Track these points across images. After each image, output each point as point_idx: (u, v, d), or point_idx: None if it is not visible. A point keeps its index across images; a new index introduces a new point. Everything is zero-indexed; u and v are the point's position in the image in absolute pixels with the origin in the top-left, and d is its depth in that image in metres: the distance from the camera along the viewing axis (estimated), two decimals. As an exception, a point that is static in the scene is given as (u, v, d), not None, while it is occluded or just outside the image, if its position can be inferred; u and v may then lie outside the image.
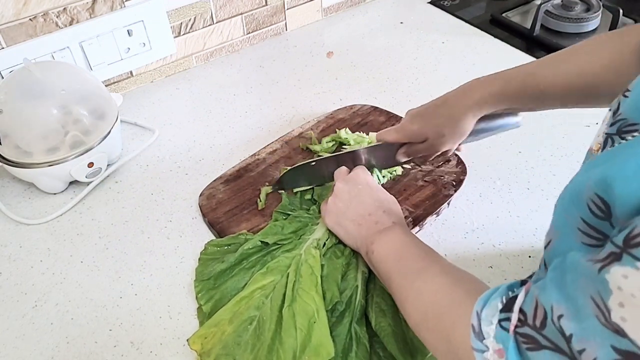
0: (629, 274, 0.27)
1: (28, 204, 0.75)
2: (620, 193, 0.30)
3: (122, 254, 0.68)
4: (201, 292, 0.60)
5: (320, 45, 1.06)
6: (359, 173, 0.65)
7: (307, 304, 0.55)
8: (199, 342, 0.54)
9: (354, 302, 0.57)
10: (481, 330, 0.37)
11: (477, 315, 0.38)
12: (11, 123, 0.71)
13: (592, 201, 0.32)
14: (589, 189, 0.32)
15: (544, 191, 0.73)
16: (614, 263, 0.28)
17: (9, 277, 0.66)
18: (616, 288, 0.28)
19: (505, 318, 0.36)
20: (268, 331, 0.53)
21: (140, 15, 0.88)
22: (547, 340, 0.33)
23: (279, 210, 0.68)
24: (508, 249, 0.66)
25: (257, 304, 0.56)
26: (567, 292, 0.32)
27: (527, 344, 0.34)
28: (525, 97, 0.58)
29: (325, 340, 0.52)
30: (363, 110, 0.86)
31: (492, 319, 0.37)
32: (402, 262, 0.53)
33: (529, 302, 0.35)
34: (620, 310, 0.27)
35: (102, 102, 0.77)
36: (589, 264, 0.30)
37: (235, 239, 0.65)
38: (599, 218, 0.32)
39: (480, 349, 0.37)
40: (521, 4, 1.16)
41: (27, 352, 0.58)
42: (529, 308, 0.34)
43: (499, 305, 0.37)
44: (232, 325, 0.54)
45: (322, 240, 0.62)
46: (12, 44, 0.79)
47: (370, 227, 0.58)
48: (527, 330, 0.34)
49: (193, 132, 0.86)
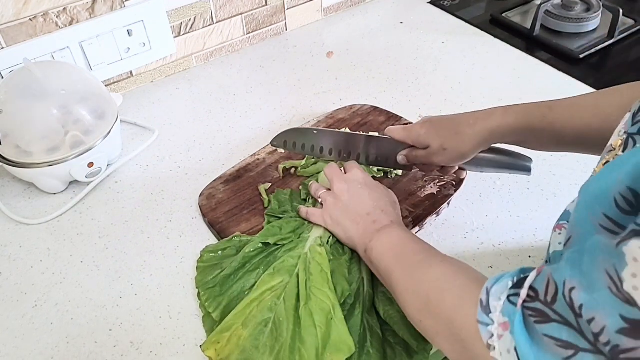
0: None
1: (28, 204, 0.75)
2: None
3: (122, 254, 0.68)
4: (208, 300, 0.59)
5: (320, 45, 1.06)
6: (356, 172, 0.65)
7: (322, 302, 0.55)
8: (212, 349, 0.54)
9: (362, 294, 0.58)
10: (489, 305, 0.38)
11: (486, 290, 0.39)
12: (11, 123, 0.71)
13: (621, 195, 0.32)
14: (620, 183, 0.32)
15: (544, 191, 0.73)
16: (634, 238, 0.29)
17: (9, 277, 0.66)
18: (632, 259, 0.28)
19: (514, 294, 0.37)
20: (287, 331, 0.53)
21: (140, 15, 0.88)
22: (557, 314, 0.33)
23: (269, 214, 0.68)
24: (508, 249, 0.66)
25: (269, 306, 0.56)
26: (582, 268, 0.32)
27: (536, 317, 0.35)
28: (540, 133, 0.58)
29: (345, 335, 0.53)
30: (363, 110, 0.86)
31: (500, 296, 0.38)
32: (401, 257, 0.53)
33: (540, 281, 0.35)
34: (632, 280, 0.28)
35: (102, 102, 0.77)
36: (607, 240, 0.31)
37: (230, 242, 0.65)
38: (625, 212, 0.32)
39: (485, 322, 0.38)
40: (521, 4, 1.16)
41: (27, 352, 0.58)
42: (541, 285, 0.35)
43: (509, 284, 0.38)
44: (247, 329, 0.54)
45: (324, 238, 0.62)
46: (12, 44, 0.79)
47: (368, 226, 0.58)
48: (537, 305, 0.35)
49: (193, 132, 0.86)
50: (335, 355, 0.52)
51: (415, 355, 0.54)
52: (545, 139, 0.59)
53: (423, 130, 0.65)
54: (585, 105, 0.56)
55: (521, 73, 0.96)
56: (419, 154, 0.66)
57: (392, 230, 0.57)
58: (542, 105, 0.58)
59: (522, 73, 0.96)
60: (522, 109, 0.59)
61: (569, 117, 0.56)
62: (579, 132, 0.56)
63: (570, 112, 0.56)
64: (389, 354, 0.55)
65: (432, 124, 0.65)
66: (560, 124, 0.57)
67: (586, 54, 0.99)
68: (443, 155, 0.63)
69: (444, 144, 0.63)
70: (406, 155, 0.68)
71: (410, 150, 0.67)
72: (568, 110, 0.57)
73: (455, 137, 0.62)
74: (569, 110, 0.57)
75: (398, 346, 0.55)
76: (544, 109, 0.58)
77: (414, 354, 0.54)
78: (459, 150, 0.62)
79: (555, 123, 0.57)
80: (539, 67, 0.97)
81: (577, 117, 0.56)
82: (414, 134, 0.65)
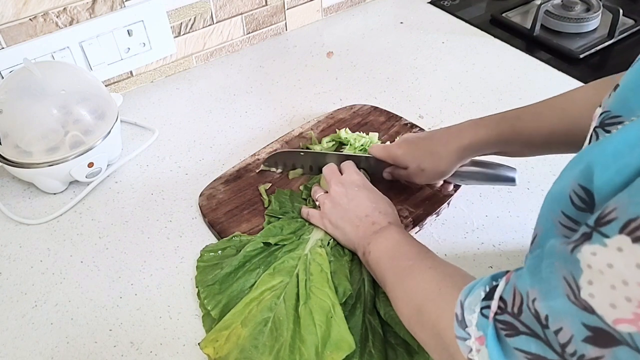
0: (597, 251, 0.27)
1: (28, 204, 0.75)
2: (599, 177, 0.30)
3: (122, 254, 0.68)
4: (207, 298, 0.59)
5: (320, 45, 1.06)
6: (352, 174, 0.65)
7: (322, 300, 0.55)
8: (210, 347, 0.54)
9: (364, 294, 0.58)
10: (464, 319, 0.38)
11: (460, 304, 0.39)
12: (11, 123, 0.71)
13: (575, 192, 0.32)
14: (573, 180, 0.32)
15: (544, 191, 0.72)
16: (585, 242, 0.28)
17: (9, 277, 0.66)
18: (586, 266, 0.28)
19: (486, 306, 0.36)
20: (287, 331, 0.54)
21: (140, 15, 0.88)
22: (524, 326, 0.33)
23: (269, 214, 0.68)
24: (508, 249, 0.66)
25: (269, 305, 0.56)
26: (541, 276, 0.32)
27: (506, 330, 0.34)
28: (511, 143, 0.60)
29: (345, 334, 0.53)
30: (363, 110, 0.86)
31: (474, 308, 0.37)
32: (394, 261, 0.53)
33: (508, 290, 0.35)
34: (588, 288, 0.28)
35: (102, 102, 0.77)
36: (562, 246, 0.30)
37: (230, 242, 0.65)
38: (580, 210, 0.32)
39: (462, 336, 0.38)
40: (521, 4, 1.16)
41: (27, 352, 0.58)
42: (509, 296, 0.35)
43: (481, 294, 0.38)
44: (246, 328, 0.54)
45: (325, 240, 0.62)
46: (12, 44, 0.79)
47: (367, 228, 0.59)
48: (506, 318, 0.35)
49: (193, 132, 0.86)
50: (336, 353, 0.52)
51: (415, 356, 0.54)
52: (516, 147, 0.60)
53: (400, 151, 0.66)
54: (551, 111, 0.57)
55: (521, 73, 0.96)
56: (400, 173, 0.67)
57: (390, 232, 0.57)
58: (511, 115, 0.60)
59: (522, 73, 0.96)
60: (492, 121, 0.60)
61: (536, 125, 0.58)
62: (547, 137, 0.57)
63: (537, 120, 0.58)
64: (390, 354, 0.55)
65: (409, 145, 0.66)
66: (528, 132, 0.58)
67: (586, 54, 0.99)
68: (422, 175, 0.65)
69: (421, 165, 0.64)
70: (390, 172, 0.69)
71: (393, 169, 0.68)
72: (535, 118, 0.58)
73: (431, 157, 0.63)
74: (535, 118, 0.58)
75: (399, 347, 0.55)
76: (512, 119, 0.59)
77: (415, 354, 0.54)
78: (436, 170, 0.63)
79: (523, 132, 0.58)
80: (539, 67, 0.97)
81: (544, 123, 0.57)
82: (392, 154, 0.66)
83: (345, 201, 0.62)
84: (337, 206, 0.62)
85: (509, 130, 0.59)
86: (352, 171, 0.65)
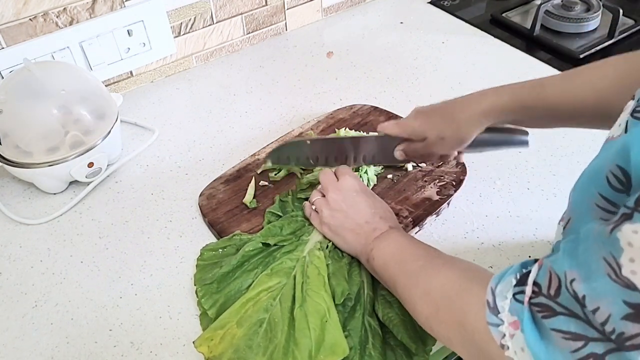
0: (639, 229, 0.28)
1: (28, 204, 0.75)
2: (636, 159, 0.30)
3: (122, 254, 0.68)
4: (204, 296, 0.59)
5: (320, 45, 1.06)
6: (349, 179, 0.63)
7: (317, 304, 0.55)
8: (205, 345, 0.54)
9: (363, 296, 0.58)
10: (496, 305, 0.38)
11: (491, 291, 0.39)
12: (11, 123, 0.71)
13: (612, 173, 0.32)
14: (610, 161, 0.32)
15: (544, 191, 0.73)
16: (626, 222, 0.29)
17: (9, 277, 0.66)
18: (627, 244, 0.28)
19: (519, 291, 0.37)
20: (281, 333, 0.53)
21: (140, 15, 0.88)
22: (562, 307, 0.33)
23: (271, 211, 0.68)
24: (508, 249, 0.66)
25: (265, 306, 0.56)
26: (579, 258, 0.32)
27: (542, 312, 0.35)
28: (534, 111, 0.57)
29: (339, 338, 0.52)
30: (363, 110, 0.86)
31: (506, 294, 0.38)
32: (404, 264, 0.53)
33: (542, 275, 0.35)
34: (630, 265, 0.28)
35: (102, 102, 0.77)
36: (601, 227, 0.31)
37: (230, 241, 0.65)
38: (617, 191, 0.32)
39: (495, 322, 0.38)
40: (521, 4, 1.16)
41: (27, 352, 0.58)
42: (543, 280, 0.35)
43: (512, 281, 0.38)
44: (241, 328, 0.54)
45: (324, 243, 0.62)
46: (12, 44, 0.79)
47: (368, 234, 0.58)
48: (542, 300, 0.35)
49: (193, 132, 0.86)
50: (329, 357, 0.51)
51: (414, 357, 0.54)
52: (540, 115, 0.58)
53: (417, 123, 0.64)
54: (578, 80, 0.55)
55: (521, 73, 0.96)
56: (416, 146, 0.65)
57: (392, 236, 0.56)
58: (534, 82, 0.58)
59: (522, 73, 0.96)
60: (515, 88, 0.58)
61: (562, 93, 0.55)
62: (574, 107, 0.55)
63: (564, 88, 0.55)
64: (389, 355, 0.55)
65: (425, 115, 0.64)
66: (554, 100, 0.56)
67: (586, 54, 0.99)
68: (442, 144, 0.63)
69: (441, 133, 0.62)
70: (404, 149, 0.67)
71: (407, 145, 0.66)
72: (561, 87, 0.56)
73: (451, 125, 0.61)
74: (562, 86, 0.56)
75: (398, 348, 0.55)
76: (536, 86, 0.57)
77: (414, 355, 0.54)
78: (457, 137, 0.62)
79: (549, 99, 0.56)
80: (539, 67, 0.97)
81: (571, 92, 0.55)
82: (409, 128, 0.65)
83: (344, 208, 0.61)
84: (335, 213, 0.61)
85: (534, 97, 0.57)
86: (348, 175, 0.64)
